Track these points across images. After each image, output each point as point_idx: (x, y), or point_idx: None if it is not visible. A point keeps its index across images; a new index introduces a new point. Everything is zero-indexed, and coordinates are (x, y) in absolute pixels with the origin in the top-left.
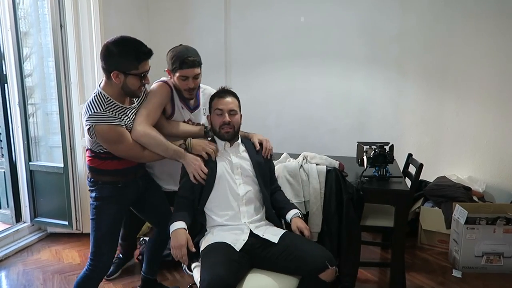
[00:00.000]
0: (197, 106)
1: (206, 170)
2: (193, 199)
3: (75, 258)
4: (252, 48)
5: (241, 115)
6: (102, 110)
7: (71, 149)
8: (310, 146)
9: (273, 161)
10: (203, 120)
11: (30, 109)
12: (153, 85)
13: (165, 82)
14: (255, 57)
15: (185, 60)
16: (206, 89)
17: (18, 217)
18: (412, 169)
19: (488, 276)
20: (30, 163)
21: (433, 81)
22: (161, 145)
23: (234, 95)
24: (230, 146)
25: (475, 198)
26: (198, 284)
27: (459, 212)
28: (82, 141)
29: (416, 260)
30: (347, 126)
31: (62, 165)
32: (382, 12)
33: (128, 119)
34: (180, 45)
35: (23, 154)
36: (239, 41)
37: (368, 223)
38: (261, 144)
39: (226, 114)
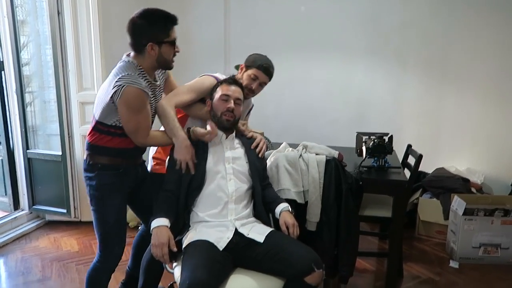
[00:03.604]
0: None
1: (195, 160)
2: (179, 194)
3: (73, 245)
4: (252, 38)
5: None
6: (135, 74)
7: (69, 137)
8: (309, 137)
9: (272, 150)
10: None
11: (28, 98)
12: (203, 76)
13: (213, 76)
14: (255, 47)
15: (266, 66)
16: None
17: (16, 205)
18: (411, 160)
19: (485, 267)
20: (28, 151)
21: (433, 73)
22: (167, 117)
23: (241, 87)
24: (226, 138)
25: (473, 189)
26: (178, 284)
27: (457, 203)
28: (80, 129)
29: (413, 251)
30: (346, 117)
31: (60, 153)
32: (383, 3)
33: (153, 95)
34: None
35: (21, 142)
36: (238, 31)
37: (367, 213)
38: (255, 139)
39: (232, 101)
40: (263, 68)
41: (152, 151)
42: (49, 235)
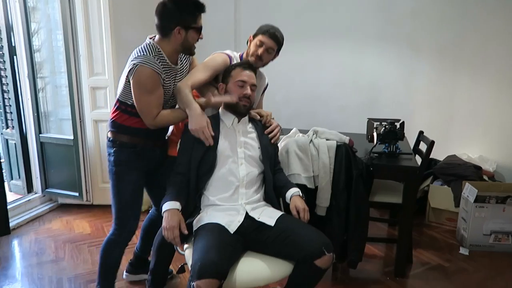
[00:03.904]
0: None
1: (212, 132)
2: (189, 177)
3: (85, 228)
4: (261, 24)
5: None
6: (151, 55)
7: (80, 121)
8: (319, 123)
9: (283, 135)
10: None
11: (39, 83)
12: (214, 54)
13: (225, 53)
14: None
15: (272, 31)
16: (262, 73)
17: (30, 188)
18: (422, 147)
19: (495, 254)
20: (40, 135)
21: (446, 59)
22: (180, 93)
23: (255, 71)
24: (238, 122)
25: (485, 177)
26: (189, 265)
27: (469, 191)
28: (91, 114)
29: (423, 238)
30: (357, 103)
31: (72, 137)
32: None
33: (168, 80)
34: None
35: (33, 126)
36: (248, 17)
37: (377, 199)
38: (269, 126)
39: (248, 87)
40: (268, 34)
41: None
42: (62, 218)
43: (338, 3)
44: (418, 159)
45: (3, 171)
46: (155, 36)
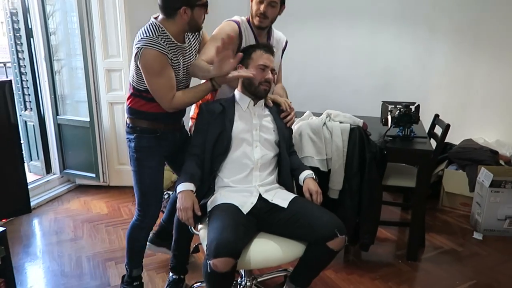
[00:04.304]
0: None
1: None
2: (204, 158)
3: (102, 208)
4: None
5: None
6: (155, 36)
7: (96, 103)
8: (333, 106)
9: (296, 118)
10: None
11: (56, 65)
12: (223, 23)
13: (233, 20)
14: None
15: None
16: (278, 33)
17: (48, 169)
18: (438, 130)
19: (509, 239)
20: (57, 117)
21: (465, 40)
22: (197, 65)
23: (273, 54)
24: (254, 105)
25: (501, 162)
26: (204, 245)
27: (484, 175)
28: (107, 96)
29: (436, 222)
30: (371, 86)
31: (88, 119)
32: None
33: (176, 59)
34: None
35: (51, 108)
36: None
37: (390, 182)
38: (284, 111)
39: (270, 72)
40: None
41: (191, 111)
42: (80, 198)
43: None
44: (433, 143)
45: (23, 152)
46: (158, 16)
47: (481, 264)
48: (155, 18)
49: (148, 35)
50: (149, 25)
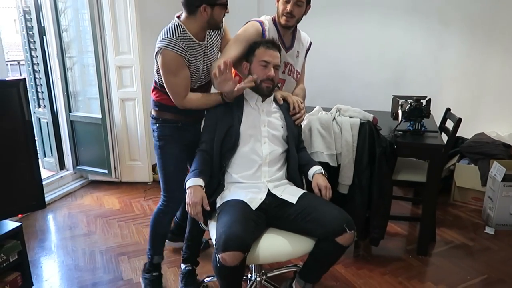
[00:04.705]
0: (291, 45)
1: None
2: (213, 154)
3: (115, 204)
4: None
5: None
6: (175, 38)
7: (108, 100)
8: (343, 100)
9: (306, 113)
10: (295, 61)
11: (68, 62)
12: (247, 23)
13: (256, 20)
14: None
15: None
16: (302, 34)
17: (62, 165)
18: (449, 124)
19: None
20: (70, 113)
21: (478, 32)
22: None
23: (280, 50)
24: (263, 102)
25: None
26: (213, 240)
27: (497, 169)
28: (118, 93)
29: (447, 216)
30: (382, 79)
31: (100, 116)
32: None
33: (195, 58)
34: None
35: (64, 105)
36: None
37: (400, 177)
38: (285, 100)
39: (272, 68)
40: None
41: None
42: (92, 194)
43: None
44: (444, 137)
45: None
46: (181, 14)
47: (492, 259)
48: (178, 17)
49: (168, 36)
50: (172, 25)
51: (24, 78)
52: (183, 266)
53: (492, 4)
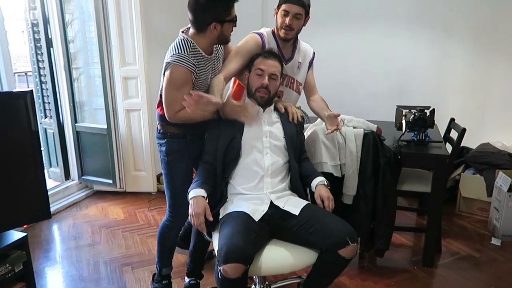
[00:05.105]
0: (291, 57)
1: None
2: (216, 165)
3: (119, 214)
4: None
5: (280, 83)
6: (186, 53)
7: (113, 111)
8: (348, 110)
9: (309, 124)
10: (296, 73)
11: (74, 73)
12: (248, 35)
13: (256, 32)
14: None
15: None
16: (304, 45)
17: (67, 175)
18: (454, 134)
19: None
20: (76, 124)
21: (482, 42)
22: (211, 86)
23: (279, 60)
24: (263, 112)
25: None
26: (216, 251)
27: (502, 180)
28: (123, 103)
29: (453, 227)
30: (386, 90)
31: (105, 127)
32: None
33: (204, 71)
34: None
35: (70, 116)
36: (275, 3)
37: (405, 188)
38: (286, 110)
39: (266, 77)
40: (291, 0)
41: (229, 90)
42: (97, 204)
43: None
44: (449, 147)
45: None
46: (186, 29)
47: (499, 270)
48: (183, 32)
49: (179, 52)
50: (180, 40)
51: (31, 90)
52: (187, 279)
53: (495, 13)
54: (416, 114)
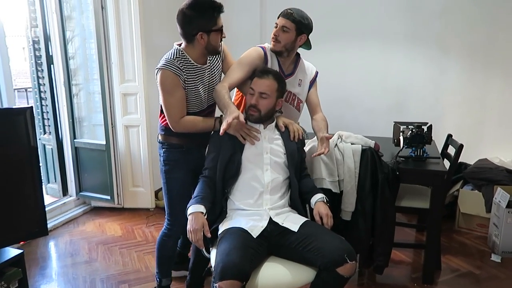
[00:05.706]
0: (291, 73)
1: (255, 137)
2: (216, 180)
3: (117, 230)
4: None
5: (280, 100)
6: (172, 59)
7: (112, 127)
8: (346, 126)
9: (308, 140)
10: (297, 90)
11: (74, 90)
12: (251, 48)
13: (259, 46)
14: None
15: (285, 11)
16: (307, 64)
17: (65, 191)
18: (451, 151)
19: None
20: (75, 140)
21: (478, 59)
22: (218, 96)
23: (276, 77)
24: (264, 128)
25: None
26: (213, 268)
27: (501, 196)
28: (123, 120)
29: (453, 243)
30: (384, 106)
31: (104, 142)
32: None
33: (193, 79)
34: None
35: (69, 132)
36: (274, 20)
37: (404, 204)
38: (287, 128)
39: (255, 96)
40: (282, 13)
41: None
42: (95, 220)
43: (365, 3)
44: (447, 164)
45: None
46: (181, 43)
47: None
48: (178, 45)
49: (166, 58)
50: (172, 50)
51: (31, 107)
52: None
53: (490, 30)
54: (413, 130)
